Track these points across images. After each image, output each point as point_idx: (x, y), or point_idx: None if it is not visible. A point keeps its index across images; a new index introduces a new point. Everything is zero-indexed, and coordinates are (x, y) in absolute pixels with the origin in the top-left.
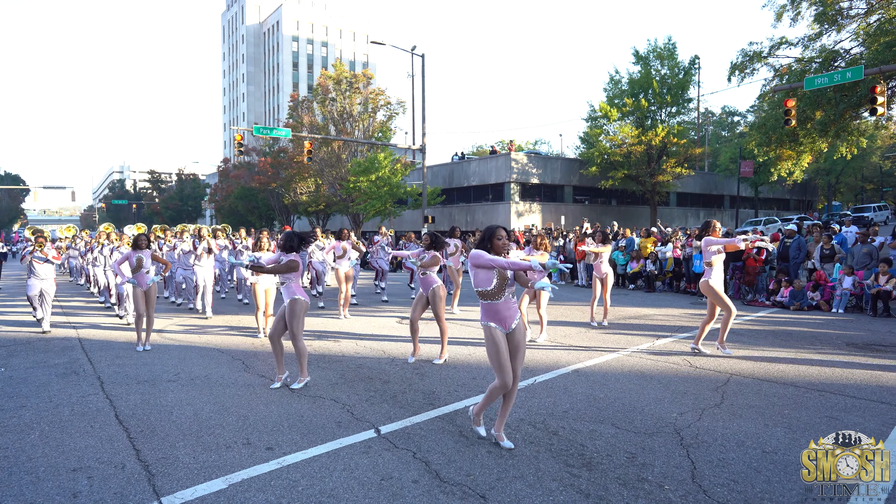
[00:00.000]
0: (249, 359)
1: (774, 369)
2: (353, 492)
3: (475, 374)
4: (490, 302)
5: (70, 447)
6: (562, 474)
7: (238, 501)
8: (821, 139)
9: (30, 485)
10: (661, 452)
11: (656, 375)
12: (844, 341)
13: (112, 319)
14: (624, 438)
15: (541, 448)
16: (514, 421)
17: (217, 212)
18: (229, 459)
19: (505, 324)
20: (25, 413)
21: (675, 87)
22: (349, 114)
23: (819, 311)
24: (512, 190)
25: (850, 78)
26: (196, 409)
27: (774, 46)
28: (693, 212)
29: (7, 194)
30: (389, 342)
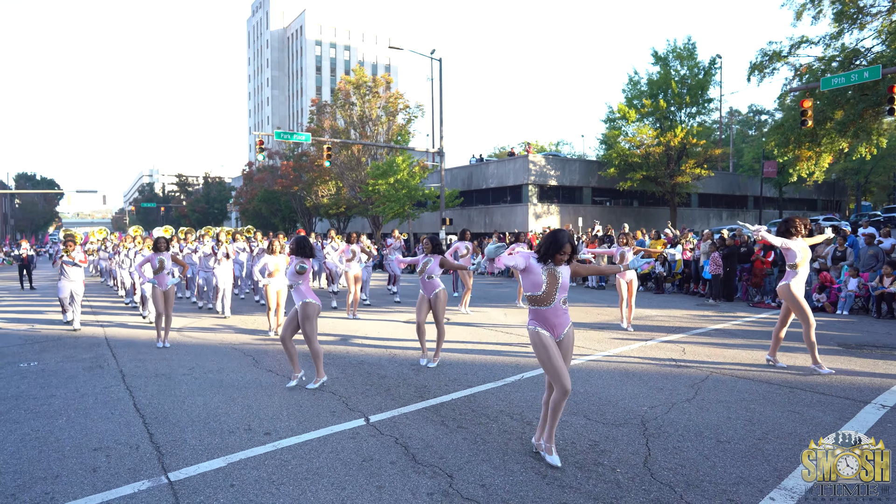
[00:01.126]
0: (260, 355)
1: (755, 368)
2: (336, 471)
3: (468, 370)
4: (538, 308)
5: (92, 430)
6: (525, 458)
7: (234, 477)
8: (840, 139)
9: (56, 461)
10: (623, 441)
11: (639, 373)
12: (837, 342)
13: (136, 319)
14: (591, 429)
15: (513, 436)
16: (494, 412)
17: (241, 214)
18: (231, 443)
19: (554, 331)
20: (54, 401)
21: (694, 87)
22: (368, 118)
23: (823, 313)
24: (530, 192)
25: (868, 78)
26: (206, 399)
27: (794, 46)
28: (715, 213)
29: (43, 198)
30: (393, 342)
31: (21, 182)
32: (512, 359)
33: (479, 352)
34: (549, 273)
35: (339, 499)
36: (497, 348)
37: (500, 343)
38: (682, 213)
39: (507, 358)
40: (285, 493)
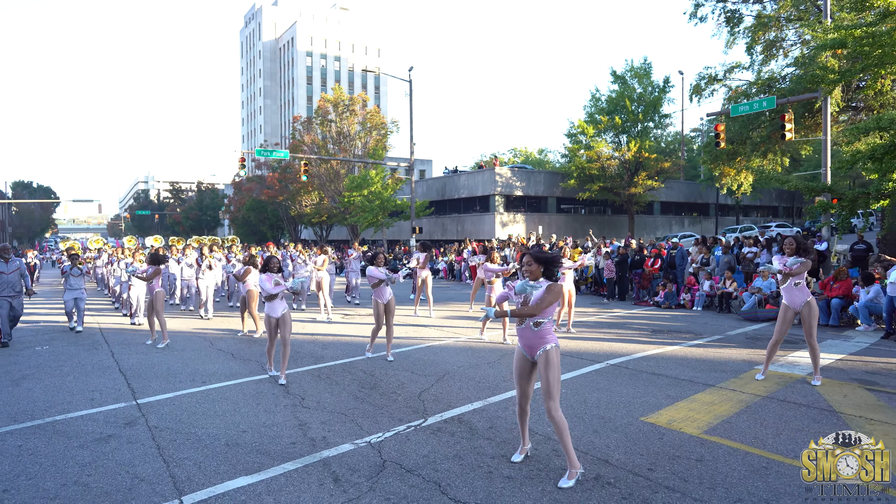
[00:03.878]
0: (217, 341)
1: (583, 345)
2: (236, 401)
3: (360, 347)
4: (518, 327)
5: (90, 383)
6: (352, 386)
7: (178, 400)
8: (755, 157)
9: (68, 396)
10: (422, 380)
11: (475, 348)
12: (653, 329)
13: (125, 320)
14: (415, 381)
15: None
16: (341, 370)
17: (232, 222)
18: (177, 384)
19: (528, 352)
20: (64, 368)
21: (649, 104)
22: (346, 133)
23: (683, 309)
24: (497, 202)
25: (766, 107)
26: (169, 364)
27: (728, 70)
28: (677, 220)
29: (39, 206)
30: (334, 335)
31: (18, 190)
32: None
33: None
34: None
35: (235, 408)
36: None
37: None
38: (644, 221)
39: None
40: (206, 408)
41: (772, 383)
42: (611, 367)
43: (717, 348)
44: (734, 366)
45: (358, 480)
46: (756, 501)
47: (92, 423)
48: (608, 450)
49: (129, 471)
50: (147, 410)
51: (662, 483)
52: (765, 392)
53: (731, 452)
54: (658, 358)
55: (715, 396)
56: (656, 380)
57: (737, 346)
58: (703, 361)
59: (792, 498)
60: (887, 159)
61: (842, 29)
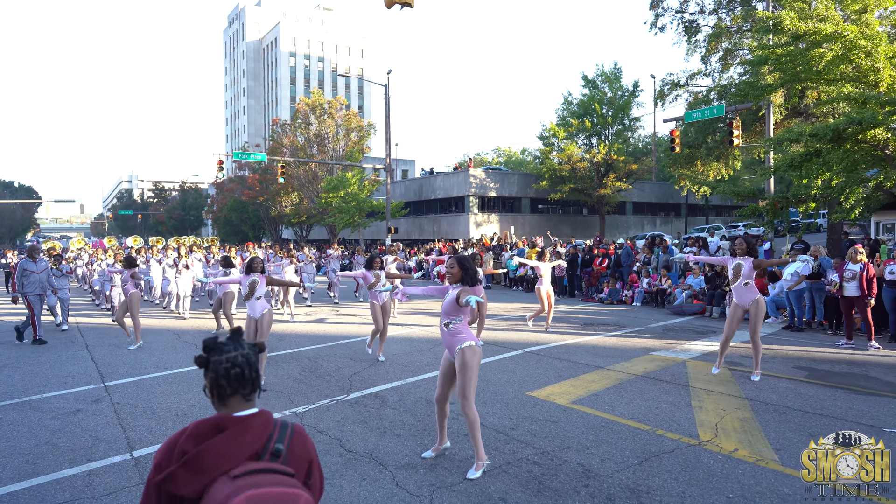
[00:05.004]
0: (184, 334)
1: (512, 335)
2: (191, 383)
3: (312, 338)
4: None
5: (65, 369)
6: (295, 376)
7: (141, 383)
8: (710, 160)
9: (41, 384)
10: (335, 359)
11: (415, 338)
12: (583, 322)
13: (100, 313)
14: (349, 365)
15: (302, 368)
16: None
17: (214, 222)
18: (143, 370)
19: (450, 352)
20: (41, 357)
21: (619, 108)
22: (325, 136)
23: (623, 305)
24: (471, 202)
25: (716, 114)
26: (137, 354)
27: (690, 77)
28: (649, 219)
29: (21, 206)
30: (292, 331)
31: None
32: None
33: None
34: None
35: (189, 388)
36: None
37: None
38: (616, 221)
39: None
40: (164, 388)
41: (653, 365)
42: (526, 353)
43: (630, 338)
44: (633, 352)
45: None
46: (580, 447)
47: (63, 401)
48: (487, 416)
49: (91, 435)
50: (112, 391)
51: (516, 437)
52: (641, 372)
53: (583, 416)
54: (571, 346)
55: (598, 376)
56: (557, 363)
57: (650, 336)
58: (609, 349)
59: (610, 445)
60: (806, 166)
61: (766, 48)
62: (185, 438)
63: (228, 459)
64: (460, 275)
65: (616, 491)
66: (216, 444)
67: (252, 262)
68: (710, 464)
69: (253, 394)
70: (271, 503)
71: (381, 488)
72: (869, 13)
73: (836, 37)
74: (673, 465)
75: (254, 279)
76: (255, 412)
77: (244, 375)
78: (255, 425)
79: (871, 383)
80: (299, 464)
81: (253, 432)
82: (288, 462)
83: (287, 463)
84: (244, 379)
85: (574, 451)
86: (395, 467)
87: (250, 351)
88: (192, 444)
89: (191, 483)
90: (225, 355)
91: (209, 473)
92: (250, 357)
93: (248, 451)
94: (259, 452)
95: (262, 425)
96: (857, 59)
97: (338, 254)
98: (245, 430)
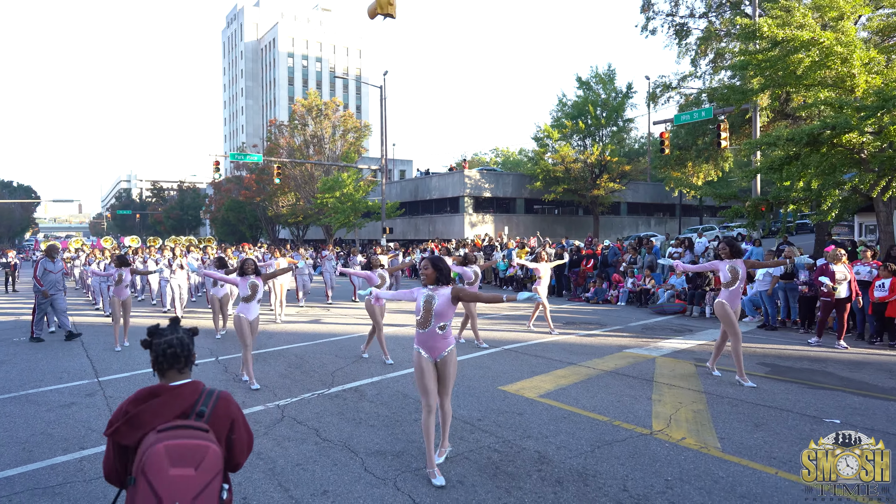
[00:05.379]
0: None
1: (493, 334)
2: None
3: (300, 336)
4: (418, 330)
5: (59, 366)
6: (281, 370)
7: (133, 377)
8: (700, 162)
9: (37, 379)
10: (318, 353)
11: (393, 336)
12: (566, 321)
13: (96, 313)
14: (332, 362)
15: (286, 363)
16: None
17: (212, 222)
18: (135, 366)
19: (432, 353)
20: (38, 354)
21: (612, 109)
22: (321, 137)
23: (608, 304)
24: (466, 203)
25: (704, 116)
26: (130, 351)
27: (682, 79)
28: (644, 220)
29: (20, 205)
30: (282, 330)
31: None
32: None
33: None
34: (426, 299)
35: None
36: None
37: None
38: (611, 221)
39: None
40: (154, 382)
41: (623, 362)
42: (504, 350)
43: (608, 336)
44: (608, 350)
45: (257, 428)
46: (539, 436)
47: (58, 395)
48: (458, 408)
49: (84, 425)
50: (106, 385)
51: (482, 428)
52: (611, 368)
53: (547, 409)
54: (549, 344)
55: (569, 371)
56: (532, 360)
57: (628, 334)
58: (586, 346)
59: (568, 435)
60: (786, 169)
61: (746, 53)
62: (129, 402)
63: (160, 418)
64: (435, 275)
65: (565, 475)
66: (151, 406)
67: (245, 264)
68: (656, 451)
69: (186, 368)
70: (183, 451)
71: (350, 472)
72: (846, 20)
73: (813, 43)
74: (622, 452)
75: (254, 281)
76: (187, 382)
77: (177, 354)
78: (185, 393)
79: (827, 378)
80: (222, 422)
81: (183, 398)
82: (211, 421)
83: (210, 422)
84: (177, 356)
85: (533, 439)
86: (365, 454)
87: (184, 335)
88: (134, 406)
89: (130, 435)
90: (164, 339)
91: (143, 428)
92: (184, 339)
93: (177, 412)
94: (187, 413)
95: (191, 393)
96: (834, 66)
97: (332, 254)
98: (176, 396)
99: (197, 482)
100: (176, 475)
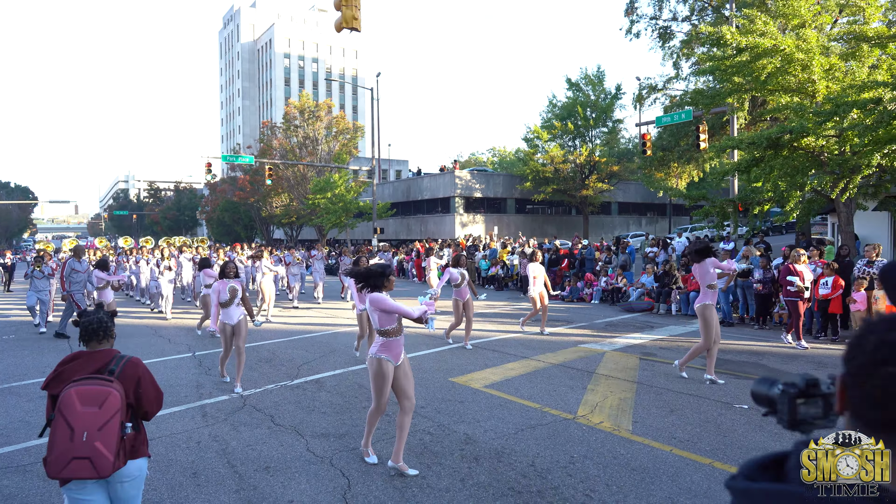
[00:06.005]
0: (162, 330)
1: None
2: (157, 370)
3: (273, 333)
4: (389, 339)
5: (43, 361)
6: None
7: None
8: (683, 163)
9: (21, 373)
10: (292, 348)
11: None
12: (537, 318)
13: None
14: (302, 357)
15: (263, 360)
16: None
17: (208, 223)
18: None
19: (397, 358)
20: (24, 351)
21: (601, 110)
22: (313, 138)
23: (583, 302)
24: (457, 203)
25: (684, 119)
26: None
27: (667, 81)
28: (635, 219)
29: (17, 206)
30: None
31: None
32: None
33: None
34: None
35: (154, 373)
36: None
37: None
38: (602, 221)
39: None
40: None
41: (574, 356)
42: (464, 345)
43: (569, 333)
44: (564, 345)
45: (219, 415)
46: (472, 421)
47: (39, 388)
48: None
49: None
50: None
51: (422, 414)
52: (560, 361)
53: (488, 397)
54: (509, 340)
55: (519, 364)
56: (489, 354)
57: (591, 331)
58: (544, 342)
59: (499, 420)
60: (754, 171)
61: (713, 59)
62: (58, 364)
63: (79, 374)
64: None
65: (484, 454)
66: (72, 365)
67: (226, 267)
68: (573, 433)
69: (105, 340)
70: (90, 394)
71: (293, 451)
72: (807, 28)
73: (774, 51)
74: (542, 435)
75: (233, 286)
76: (105, 349)
77: (95, 329)
78: (99, 357)
79: (757, 370)
80: (130, 379)
81: (98, 360)
82: (121, 378)
83: (120, 378)
84: (96, 331)
85: (466, 424)
86: (311, 436)
87: (104, 315)
88: (61, 366)
89: (57, 387)
90: (88, 318)
91: (65, 381)
92: (102, 318)
93: (92, 370)
94: (101, 371)
95: (106, 356)
96: (795, 72)
97: (321, 255)
98: (92, 359)
99: (101, 417)
100: (84, 411)
